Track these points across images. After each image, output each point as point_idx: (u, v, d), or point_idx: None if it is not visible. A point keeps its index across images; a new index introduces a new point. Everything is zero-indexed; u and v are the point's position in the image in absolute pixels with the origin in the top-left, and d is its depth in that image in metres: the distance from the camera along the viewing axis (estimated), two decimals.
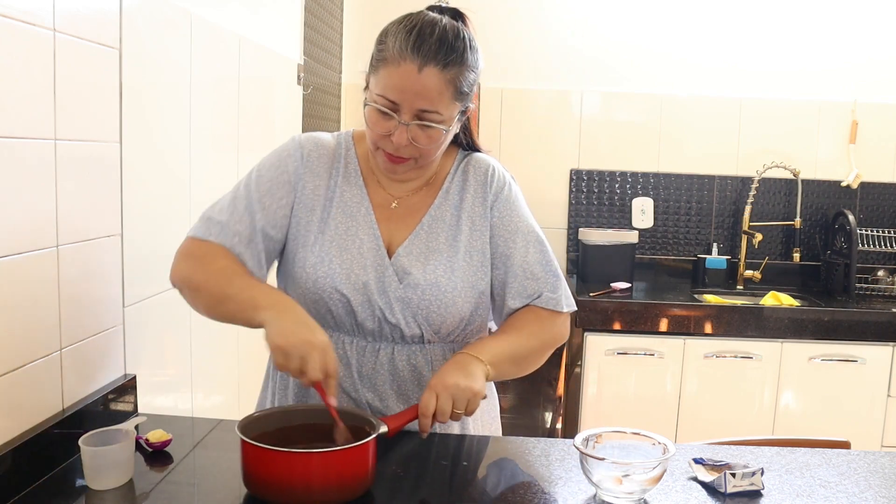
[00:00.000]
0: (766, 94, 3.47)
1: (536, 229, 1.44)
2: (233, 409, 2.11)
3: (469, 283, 1.37)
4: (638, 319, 3.01)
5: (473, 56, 1.33)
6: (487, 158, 1.47)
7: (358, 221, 1.39)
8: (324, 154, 1.43)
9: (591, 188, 3.55)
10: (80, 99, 1.35)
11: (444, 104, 1.28)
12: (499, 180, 1.43)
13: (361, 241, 1.38)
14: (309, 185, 1.40)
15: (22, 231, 1.21)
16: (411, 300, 1.35)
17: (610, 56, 3.50)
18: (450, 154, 1.45)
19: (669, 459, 1.17)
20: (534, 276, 1.40)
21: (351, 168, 1.43)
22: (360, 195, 1.41)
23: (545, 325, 1.42)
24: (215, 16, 1.93)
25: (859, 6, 3.42)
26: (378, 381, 1.38)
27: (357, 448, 1.13)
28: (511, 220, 1.41)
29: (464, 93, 1.31)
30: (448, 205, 1.41)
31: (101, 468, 1.19)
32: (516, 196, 1.44)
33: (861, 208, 3.49)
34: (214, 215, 1.38)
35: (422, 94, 1.26)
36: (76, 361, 1.36)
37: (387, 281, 1.35)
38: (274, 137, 2.44)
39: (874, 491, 1.24)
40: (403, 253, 1.37)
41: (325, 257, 1.37)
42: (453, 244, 1.38)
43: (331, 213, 1.40)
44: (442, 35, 1.28)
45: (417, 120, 1.28)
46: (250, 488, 1.15)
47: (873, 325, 2.99)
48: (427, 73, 1.26)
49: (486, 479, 1.28)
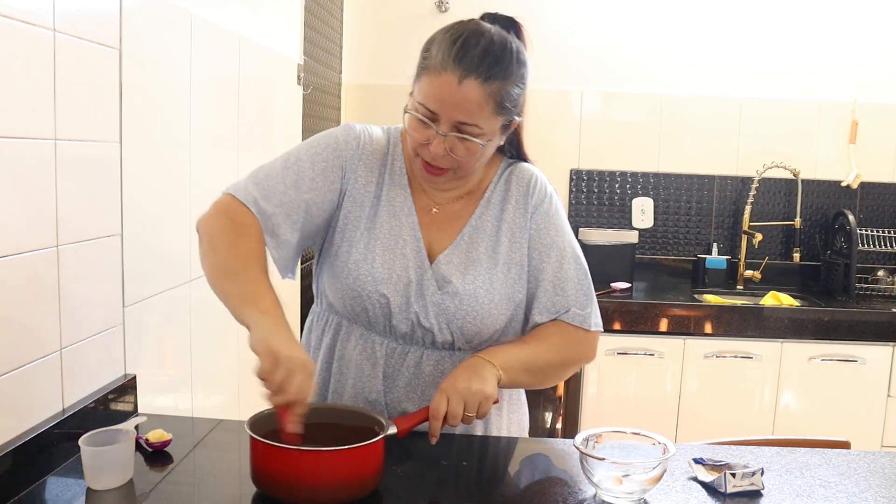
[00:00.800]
0: (766, 94, 3.47)
1: (574, 246, 1.42)
2: (233, 409, 2.11)
3: (506, 295, 1.36)
4: (638, 319, 3.01)
5: (520, 70, 1.30)
6: (532, 169, 1.44)
7: (402, 223, 1.38)
8: (377, 150, 1.40)
9: (591, 188, 3.55)
10: (80, 99, 1.35)
11: (483, 118, 1.25)
12: (540, 192, 1.41)
13: (405, 243, 1.36)
14: (361, 178, 1.38)
15: (22, 231, 1.20)
16: (448, 308, 1.34)
17: (610, 56, 3.50)
18: (493, 163, 1.43)
19: (669, 459, 1.17)
20: (563, 293, 1.38)
21: (397, 167, 1.41)
22: (404, 196, 1.39)
23: (569, 340, 1.39)
24: (215, 16, 1.93)
25: (859, 6, 3.41)
26: (401, 384, 1.38)
27: (365, 447, 1.13)
28: (548, 234, 1.39)
29: (506, 107, 1.28)
30: (489, 214, 1.39)
31: (101, 468, 1.18)
32: (557, 210, 1.42)
33: (861, 208, 3.49)
34: (261, 181, 1.33)
35: (461, 107, 1.23)
36: (76, 361, 1.36)
37: (425, 285, 1.34)
38: (274, 137, 2.44)
39: (874, 491, 1.24)
40: (444, 261, 1.36)
41: (370, 255, 1.35)
42: (493, 256, 1.37)
43: (378, 211, 1.38)
44: (487, 47, 1.25)
45: (456, 132, 1.25)
46: (258, 485, 1.15)
47: (873, 325, 2.99)
48: (467, 85, 1.23)
49: (487, 479, 1.28)
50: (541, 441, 1.43)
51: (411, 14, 3.44)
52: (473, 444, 1.39)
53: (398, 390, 1.38)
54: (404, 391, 1.38)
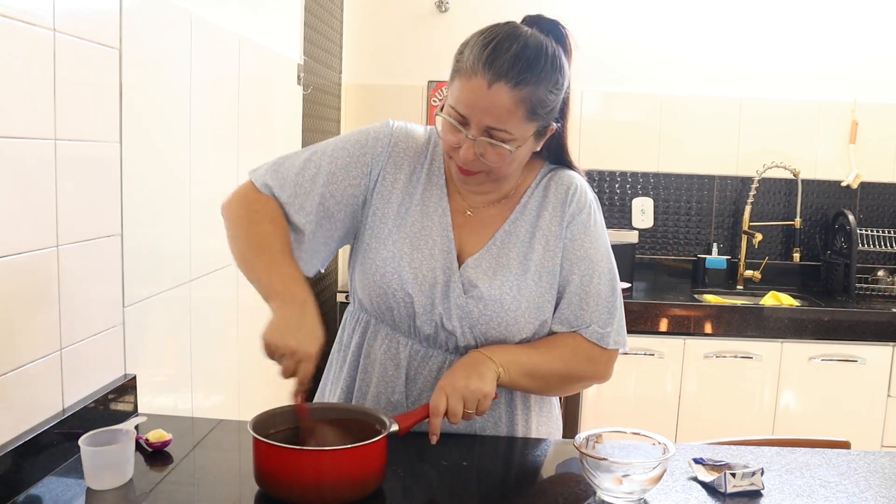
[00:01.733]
0: (766, 94, 3.47)
1: (609, 261, 1.40)
2: (233, 409, 2.11)
3: (535, 304, 1.33)
4: (638, 319, 3.01)
5: (553, 75, 1.26)
6: (573, 176, 1.41)
7: (434, 223, 1.36)
8: (411, 147, 1.39)
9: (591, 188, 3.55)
10: (80, 99, 1.35)
11: (513, 123, 1.22)
12: (579, 201, 1.38)
13: (434, 243, 1.35)
14: (389, 175, 1.37)
15: (22, 231, 1.20)
16: (472, 312, 1.32)
17: (610, 56, 3.50)
18: (533, 168, 1.40)
19: (669, 459, 1.17)
20: (587, 307, 1.36)
21: (435, 167, 1.39)
22: (440, 196, 1.37)
23: (580, 355, 1.38)
24: (215, 16, 1.93)
25: (859, 6, 3.42)
26: (424, 386, 1.37)
27: (368, 446, 1.13)
28: (582, 245, 1.36)
29: (538, 113, 1.24)
30: (524, 220, 1.37)
31: (101, 468, 1.19)
32: (595, 222, 1.39)
33: (861, 208, 3.49)
34: (279, 168, 1.36)
35: (490, 112, 1.21)
36: (76, 361, 1.36)
37: (451, 287, 1.33)
38: (274, 137, 2.44)
39: (874, 491, 1.24)
40: (472, 265, 1.34)
41: (397, 253, 1.34)
42: (524, 263, 1.34)
43: (409, 209, 1.36)
44: (519, 51, 1.21)
45: (486, 136, 1.23)
46: (261, 485, 1.15)
47: (873, 325, 2.99)
48: (497, 89, 1.19)
49: (487, 479, 1.28)
50: (541, 441, 1.43)
51: (411, 14, 3.44)
52: (474, 444, 1.39)
53: (420, 393, 1.37)
54: (426, 395, 1.37)
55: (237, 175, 2.11)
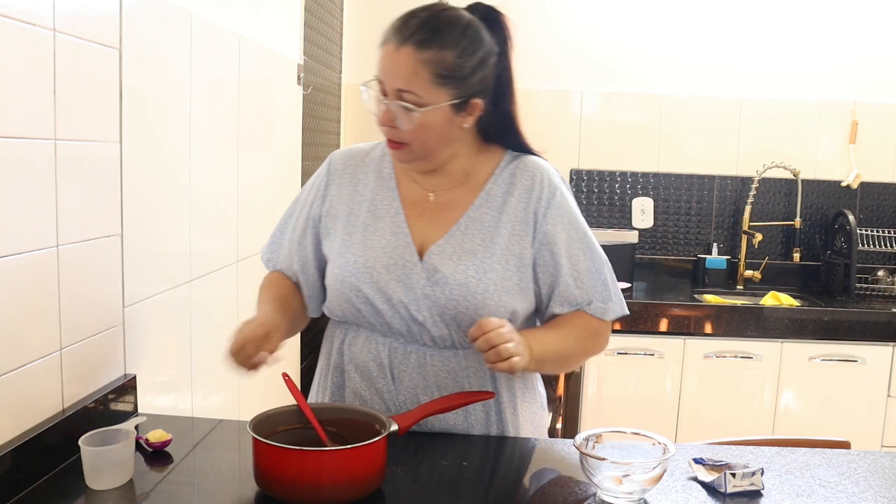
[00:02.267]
0: (766, 94, 3.47)
1: (588, 235, 1.42)
2: (233, 409, 2.11)
3: (502, 286, 1.35)
4: (638, 319, 3.01)
5: (462, 41, 1.28)
6: (538, 162, 1.43)
7: (385, 221, 1.39)
8: (350, 164, 1.47)
9: (591, 188, 3.55)
10: (80, 99, 1.35)
11: (419, 85, 1.26)
12: (549, 186, 1.40)
13: (387, 241, 1.38)
14: (333, 195, 1.45)
15: (22, 231, 1.20)
16: (439, 299, 1.34)
17: (610, 56, 3.50)
18: (494, 155, 1.43)
19: (669, 459, 1.17)
20: (583, 285, 1.39)
21: (386, 171, 1.44)
22: (391, 196, 1.42)
23: (591, 332, 1.42)
24: (215, 16, 1.93)
25: (859, 6, 3.41)
26: (409, 384, 1.38)
27: (368, 446, 1.13)
28: (563, 229, 1.39)
29: (446, 77, 1.27)
30: (489, 206, 1.39)
31: (101, 468, 1.19)
32: (568, 202, 1.41)
33: (861, 208, 3.49)
34: (266, 245, 1.55)
35: (397, 73, 1.27)
36: (76, 361, 1.36)
37: (414, 279, 1.35)
38: (274, 137, 2.44)
39: (874, 491, 1.24)
40: (436, 251, 1.36)
41: (351, 258, 1.38)
42: (489, 246, 1.36)
43: (359, 215, 1.41)
44: (429, 18, 1.28)
45: (398, 100, 1.28)
46: (262, 486, 1.16)
47: (873, 325, 2.99)
48: (403, 52, 1.26)
49: (487, 479, 1.28)
50: (541, 441, 1.43)
51: None
52: (474, 444, 1.39)
53: (408, 391, 1.38)
54: (414, 392, 1.38)
55: (237, 175, 2.11)
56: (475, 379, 1.38)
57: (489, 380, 1.39)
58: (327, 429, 1.25)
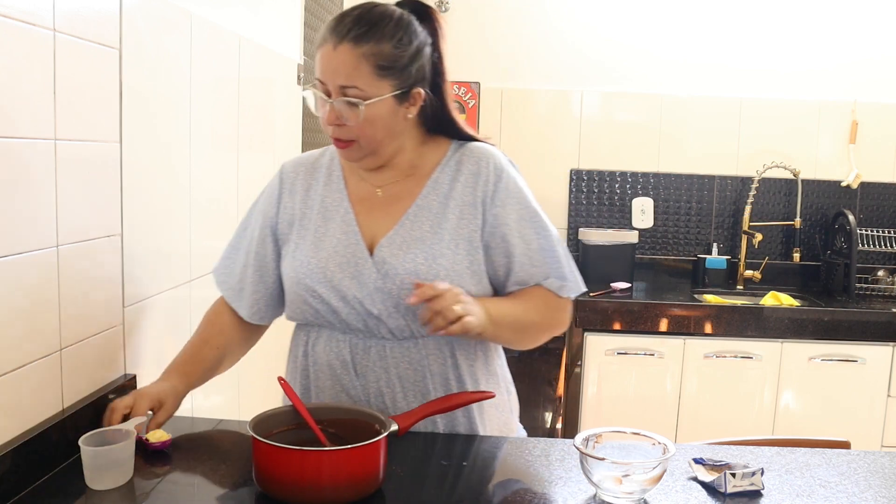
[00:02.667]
0: (766, 94, 3.47)
1: (539, 214, 1.43)
2: (233, 409, 2.11)
3: (454, 271, 1.36)
4: (638, 319, 3.01)
5: (397, 32, 1.32)
6: (484, 147, 1.45)
7: (336, 221, 1.41)
8: (300, 171, 1.49)
9: (591, 188, 3.55)
10: (80, 99, 1.35)
11: (362, 79, 1.29)
12: (496, 170, 1.41)
13: (337, 240, 1.40)
14: (286, 204, 1.47)
15: (22, 231, 1.20)
16: (391, 290, 1.35)
17: (610, 56, 3.50)
18: (440, 145, 1.45)
19: (669, 459, 1.17)
20: (538, 263, 1.41)
21: (335, 175, 1.46)
22: (340, 196, 1.44)
23: (550, 305, 1.43)
24: (215, 16, 1.93)
25: (859, 6, 3.42)
26: (373, 378, 1.39)
27: (368, 446, 1.13)
28: (513, 209, 1.40)
29: (386, 68, 1.30)
30: (436, 194, 1.41)
31: (101, 468, 1.19)
32: (516, 183, 1.43)
33: (861, 208, 3.49)
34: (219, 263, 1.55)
35: (338, 71, 1.29)
36: (76, 361, 1.36)
37: (366, 273, 1.36)
38: (274, 137, 2.44)
39: (874, 491, 1.24)
40: (385, 244, 1.38)
41: (304, 259, 1.40)
42: (437, 232, 1.38)
43: (311, 218, 1.44)
44: (362, 14, 1.31)
45: (342, 97, 1.30)
46: (262, 486, 1.16)
47: (873, 325, 2.99)
48: (341, 49, 1.29)
49: (487, 479, 1.28)
50: (541, 441, 1.43)
51: None
52: (473, 444, 1.39)
53: (373, 386, 1.39)
54: (377, 386, 1.39)
55: (237, 175, 2.11)
56: (436, 367, 1.39)
57: (450, 367, 1.40)
58: (327, 430, 1.25)
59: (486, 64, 3.51)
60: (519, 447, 1.39)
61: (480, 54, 3.49)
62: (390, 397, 1.39)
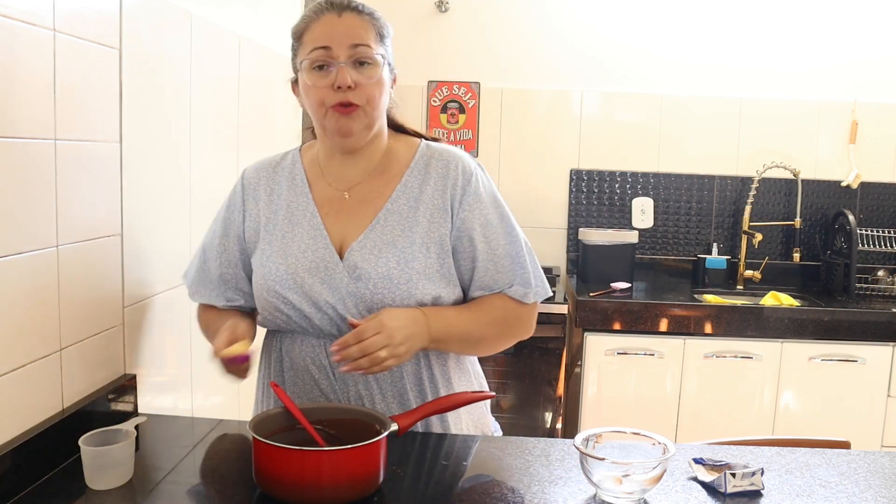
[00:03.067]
0: (766, 94, 3.47)
1: (506, 219, 1.42)
2: (233, 409, 2.11)
3: (425, 274, 1.35)
4: (638, 319, 3.01)
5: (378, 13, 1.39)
6: (452, 150, 1.44)
7: (303, 226, 1.40)
8: (263, 177, 1.48)
9: (591, 188, 3.55)
10: (80, 99, 1.35)
11: (371, 40, 1.34)
12: (464, 173, 1.41)
13: (306, 245, 1.38)
14: (251, 210, 1.46)
15: (22, 231, 1.21)
16: (364, 295, 1.34)
17: (610, 56, 3.50)
18: (410, 145, 1.45)
19: (669, 459, 1.17)
20: (502, 269, 1.40)
21: (298, 178, 1.45)
22: (305, 200, 1.42)
23: (510, 316, 1.42)
24: (215, 16, 1.93)
25: (859, 6, 3.42)
26: (351, 382, 1.38)
27: (368, 446, 1.13)
28: (480, 213, 1.39)
29: (383, 37, 1.37)
30: (406, 197, 1.40)
31: (101, 468, 1.19)
32: (484, 187, 1.42)
33: (861, 208, 3.49)
34: (189, 272, 1.53)
35: (349, 32, 1.32)
36: (76, 361, 1.36)
37: (337, 278, 1.35)
38: (274, 137, 2.44)
39: (874, 491, 1.24)
40: (357, 248, 1.36)
41: (272, 266, 1.38)
42: (408, 235, 1.37)
43: (276, 223, 1.42)
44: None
45: (352, 59, 1.32)
46: (262, 486, 1.16)
47: (873, 325, 2.99)
48: (347, 16, 1.33)
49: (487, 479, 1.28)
50: (541, 441, 1.43)
51: (411, 14, 3.44)
52: (474, 444, 1.39)
53: (353, 389, 1.38)
54: (356, 389, 1.38)
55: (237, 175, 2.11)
56: (411, 367, 1.39)
57: (424, 367, 1.40)
58: (327, 430, 1.25)
59: (486, 64, 3.51)
60: (519, 447, 1.40)
61: (480, 54, 3.49)
62: (369, 400, 1.38)
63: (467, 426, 1.46)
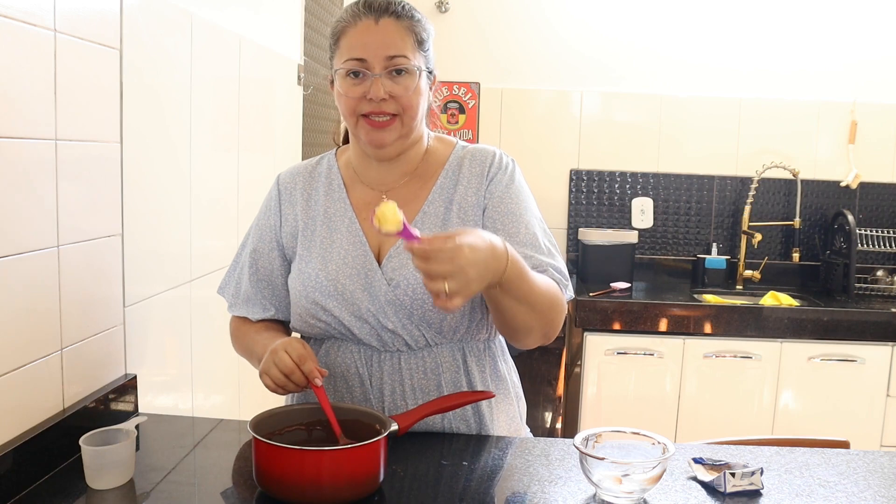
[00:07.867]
0: (765, 94, 3.47)
1: (537, 215, 1.40)
2: (233, 409, 2.11)
3: None
4: (638, 319, 3.02)
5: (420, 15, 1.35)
6: (487, 147, 1.43)
7: (341, 231, 1.38)
8: (298, 181, 1.46)
9: (591, 188, 3.56)
10: (80, 99, 1.35)
11: (409, 49, 1.30)
12: (495, 165, 1.39)
13: (345, 251, 1.36)
14: (289, 215, 1.44)
15: (22, 231, 1.21)
16: (404, 303, 1.32)
17: (610, 56, 3.50)
18: (446, 144, 1.44)
19: (669, 459, 1.17)
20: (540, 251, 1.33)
21: (335, 182, 1.43)
22: (343, 206, 1.41)
23: (555, 293, 1.29)
24: (215, 16, 1.93)
25: (859, 6, 3.42)
26: (388, 390, 1.37)
27: (368, 446, 1.14)
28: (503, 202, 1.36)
29: (422, 42, 1.33)
30: (441, 199, 1.38)
31: (102, 468, 1.19)
32: (515, 181, 1.39)
33: (860, 208, 3.49)
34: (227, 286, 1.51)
35: (386, 42, 1.29)
36: (76, 361, 1.36)
37: (376, 286, 1.33)
38: (274, 137, 2.44)
39: (874, 491, 1.24)
40: (394, 254, 1.35)
41: (312, 273, 1.36)
42: None
43: (315, 229, 1.40)
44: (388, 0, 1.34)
45: (388, 69, 1.29)
46: (262, 485, 1.16)
47: (873, 325, 2.99)
48: (384, 23, 1.30)
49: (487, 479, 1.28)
50: (541, 441, 1.43)
51: None
52: (473, 444, 1.39)
53: (389, 397, 1.37)
54: (393, 398, 1.37)
55: (237, 175, 2.11)
56: (449, 374, 1.37)
57: (463, 373, 1.38)
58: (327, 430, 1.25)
59: (485, 64, 3.51)
60: (519, 447, 1.40)
61: (480, 54, 3.50)
62: (404, 408, 1.37)
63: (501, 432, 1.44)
